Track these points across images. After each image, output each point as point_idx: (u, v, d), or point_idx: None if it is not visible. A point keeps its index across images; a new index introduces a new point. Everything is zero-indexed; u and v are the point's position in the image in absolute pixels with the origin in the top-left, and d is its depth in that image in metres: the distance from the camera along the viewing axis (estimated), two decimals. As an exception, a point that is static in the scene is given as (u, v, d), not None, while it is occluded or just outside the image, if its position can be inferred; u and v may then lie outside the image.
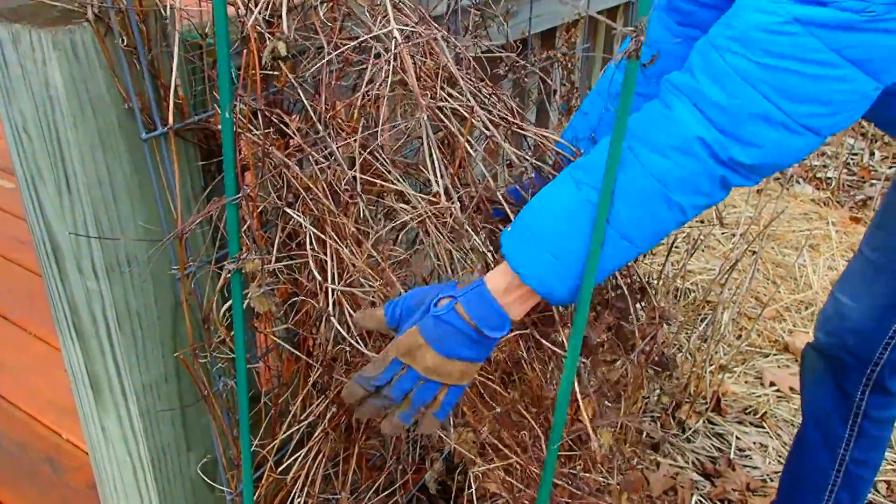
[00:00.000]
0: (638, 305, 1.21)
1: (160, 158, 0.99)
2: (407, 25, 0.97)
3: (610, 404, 2.06)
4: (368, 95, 0.97)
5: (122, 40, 0.88)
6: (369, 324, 0.97)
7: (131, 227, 1.01)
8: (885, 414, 1.39)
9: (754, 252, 2.29)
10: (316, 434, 1.22)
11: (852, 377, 1.36)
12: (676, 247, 2.63)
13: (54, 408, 1.93)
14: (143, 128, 0.95)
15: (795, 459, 1.53)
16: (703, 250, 2.71)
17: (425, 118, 0.95)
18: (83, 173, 0.94)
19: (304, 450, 1.23)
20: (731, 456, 1.99)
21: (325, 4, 1.03)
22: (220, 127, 0.93)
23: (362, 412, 0.96)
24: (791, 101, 0.77)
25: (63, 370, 1.18)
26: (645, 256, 2.68)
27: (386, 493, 1.57)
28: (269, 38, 0.92)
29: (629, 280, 1.16)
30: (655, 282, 2.46)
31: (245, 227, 1.01)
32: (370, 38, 0.98)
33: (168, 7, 0.93)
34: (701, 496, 1.87)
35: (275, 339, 1.20)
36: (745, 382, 2.23)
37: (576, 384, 1.04)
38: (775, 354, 2.30)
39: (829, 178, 3.33)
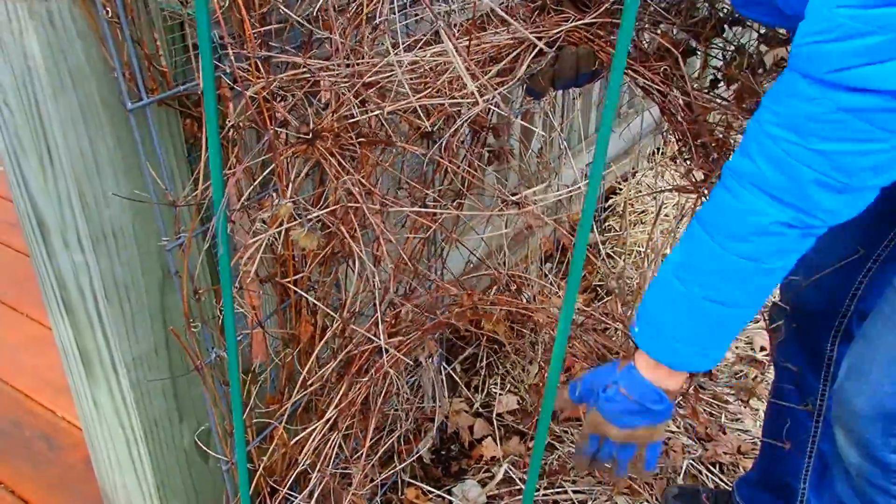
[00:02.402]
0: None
1: (145, 128, 0.99)
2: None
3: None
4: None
5: (107, 11, 0.88)
6: (559, 404, 1.14)
7: (116, 199, 1.01)
8: None
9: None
10: (335, 401, 1.23)
11: (821, 330, 1.38)
12: (665, 215, 2.63)
13: (49, 387, 1.93)
14: (129, 98, 0.95)
15: (775, 415, 1.55)
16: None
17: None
18: (65, 146, 0.94)
19: (320, 423, 1.23)
20: (722, 420, 2.01)
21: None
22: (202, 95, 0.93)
23: (594, 466, 1.14)
24: (850, 174, 0.85)
25: (58, 350, 1.19)
26: (634, 226, 2.69)
27: (383, 463, 1.58)
28: None
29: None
30: (647, 251, 2.47)
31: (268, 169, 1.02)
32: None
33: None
34: (692, 460, 1.89)
35: (300, 292, 1.20)
36: (736, 348, 2.24)
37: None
38: (765, 320, 2.31)
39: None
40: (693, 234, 0.97)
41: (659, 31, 1.17)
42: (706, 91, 1.20)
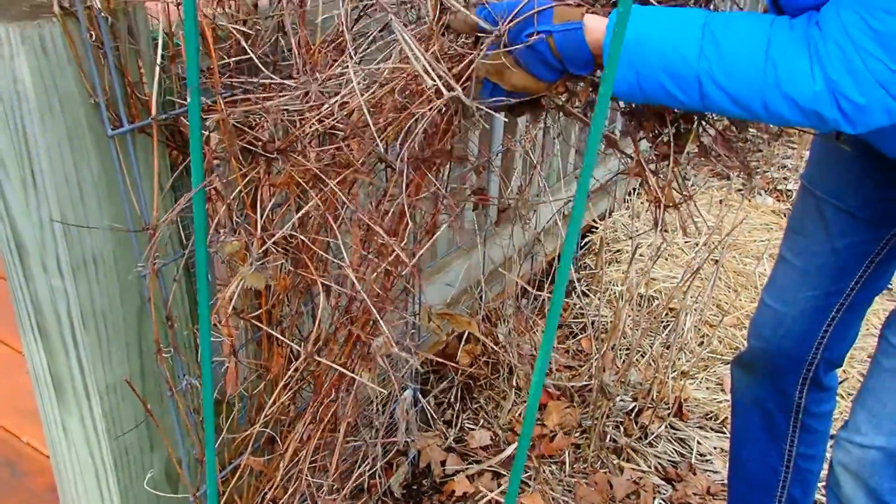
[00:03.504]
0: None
1: (126, 155, 0.99)
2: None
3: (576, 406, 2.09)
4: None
5: (91, 35, 0.88)
6: (462, 27, 0.99)
7: (97, 225, 1.00)
8: (823, 408, 1.44)
9: (716, 261, 2.33)
10: (305, 420, 1.22)
11: (789, 378, 1.40)
12: (641, 255, 2.66)
13: (14, 411, 1.89)
14: (109, 124, 0.95)
15: (745, 460, 1.56)
16: (666, 258, 2.76)
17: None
18: (50, 170, 0.93)
19: (286, 451, 1.22)
20: (693, 460, 2.02)
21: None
22: (187, 122, 0.93)
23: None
24: None
25: (24, 373, 1.17)
26: (609, 265, 2.72)
27: (353, 496, 1.57)
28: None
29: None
30: (620, 288, 2.50)
31: (223, 208, 1.02)
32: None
33: (135, 4, 0.93)
34: (662, 500, 1.90)
35: (264, 327, 1.19)
36: (707, 388, 2.26)
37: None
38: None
39: (790, 191, 3.40)
40: (749, 39, 0.87)
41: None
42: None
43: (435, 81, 0.72)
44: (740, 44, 0.87)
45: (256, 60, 0.97)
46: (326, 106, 0.90)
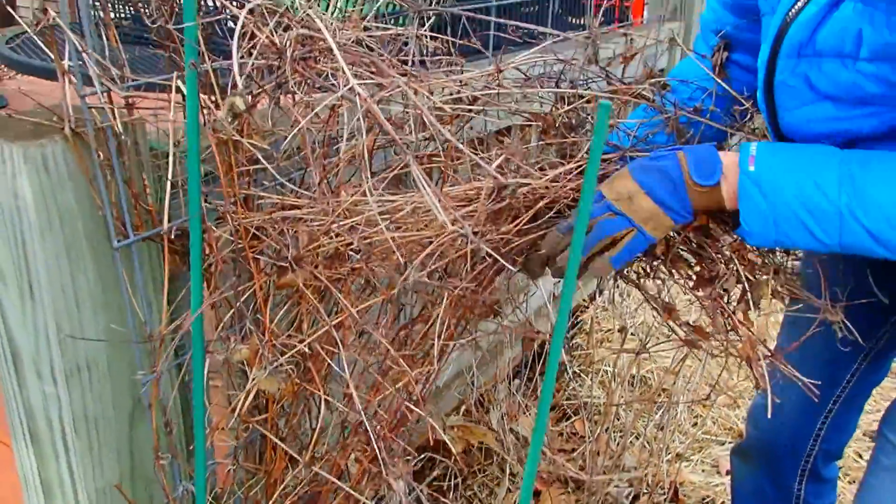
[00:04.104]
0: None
1: (129, 265, 1.01)
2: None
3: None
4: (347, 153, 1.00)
5: (99, 155, 0.91)
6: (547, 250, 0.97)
7: (92, 332, 1.02)
8: (823, 500, 1.43)
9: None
10: None
11: (788, 469, 1.40)
12: (632, 334, 2.68)
13: (0, 505, 1.86)
14: (115, 237, 0.97)
15: None
16: (657, 338, 2.77)
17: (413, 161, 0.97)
18: (47, 281, 0.95)
19: None
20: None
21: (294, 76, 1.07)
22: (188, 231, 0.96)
23: (547, 243, 0.96)
24: None
25: (10, 468, 1.16)
26: (601, 344, 2.73)
27: None
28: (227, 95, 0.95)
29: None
30: (612, 369, 2.50)
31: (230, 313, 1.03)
32: (332, 100, 1.01)
33: (142, 122, 0.97)
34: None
35: (265, 431, 1.19)
36: (703, 471, 2.25)
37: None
38: (730, 442, 2.33)
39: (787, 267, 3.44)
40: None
41: None
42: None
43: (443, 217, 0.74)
44: (879, 179, 0.86)
45: (273, 172, 0.99)
46: (341, 223, 0.92)
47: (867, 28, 0.85)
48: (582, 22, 2.61)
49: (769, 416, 1.38)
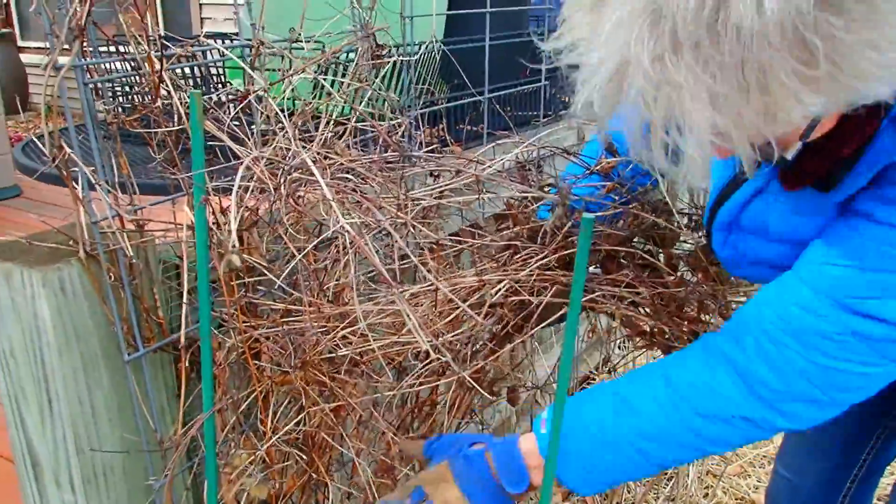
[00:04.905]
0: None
1: (139, 375, 1.07)
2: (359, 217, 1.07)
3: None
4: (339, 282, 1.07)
5: (111, 276, 0.98)
6: (411, 450, 1.05)
7: (109, 442, 1.07)
8: None
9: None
10: None
11: None
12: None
13: None
14: (126, 350, 1.04)
15: None
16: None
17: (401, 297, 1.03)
18: (65, 395, 1.01)
19: None
20: None
21: (288, 216, 1.15)
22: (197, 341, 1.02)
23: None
24: (839, 391, 0.85)
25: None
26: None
27: None
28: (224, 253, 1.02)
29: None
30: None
31: (230, 425, 1.08)
32: (326, 237, 1.08)
33: (152, 242, 1.04)
34: None
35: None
36: (717, 543, 2.24)
37: None
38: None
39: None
40: (655, 389, 0.93)
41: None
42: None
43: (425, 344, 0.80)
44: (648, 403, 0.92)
45: (277, 281, 1.05)
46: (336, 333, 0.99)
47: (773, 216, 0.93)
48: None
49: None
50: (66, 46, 0.93)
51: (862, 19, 0.61)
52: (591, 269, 1.19)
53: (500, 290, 0.99)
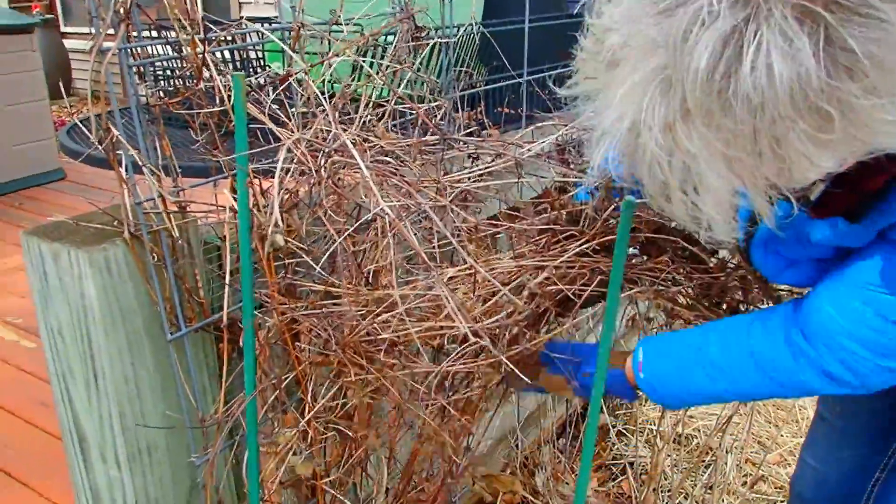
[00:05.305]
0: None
1: (182, 355, 1.09)
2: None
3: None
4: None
5: (154, 257, 1.00)
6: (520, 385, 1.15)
7: (152, 419, 1.09)
8: None
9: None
10: None
11: None
12: (677, 391, 2.67)
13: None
14: (168, 329, 1.05)
15: None
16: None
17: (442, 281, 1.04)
18: (111, 373, 1.03)
19: None
20: None
21: (328, 198, 1.15)
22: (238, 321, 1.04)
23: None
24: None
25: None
26: (643, 403, 2.73)
27: None
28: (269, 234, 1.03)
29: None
30: (658, 427, 2.50)
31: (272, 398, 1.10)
32: (365, 220, 1.09)
33: (194, 222, 1.05)
34: None
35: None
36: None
37: None
38: (782, 501, 2.30)
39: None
40: (741, 358, 0.97)
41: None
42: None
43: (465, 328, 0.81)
44: (732, 363, 0.99)
45: (316, 266, 1.06)
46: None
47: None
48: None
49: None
50: (112, 31, 0.95)
51: (877, 82, 0.60)
52: (631, 250, 1.19)
53: (539, 279, 0.98)
